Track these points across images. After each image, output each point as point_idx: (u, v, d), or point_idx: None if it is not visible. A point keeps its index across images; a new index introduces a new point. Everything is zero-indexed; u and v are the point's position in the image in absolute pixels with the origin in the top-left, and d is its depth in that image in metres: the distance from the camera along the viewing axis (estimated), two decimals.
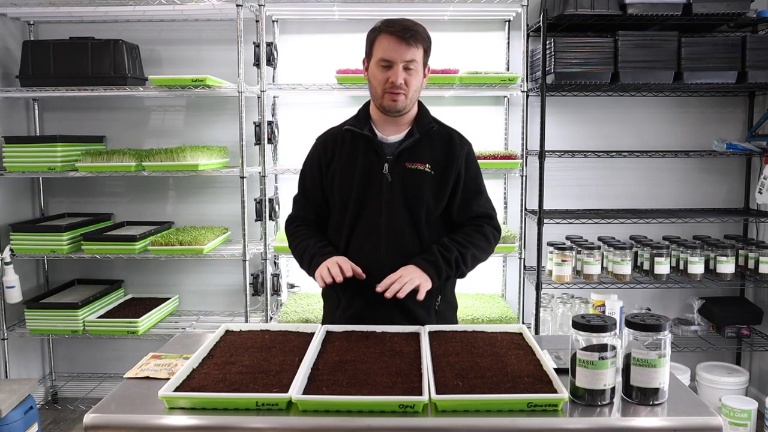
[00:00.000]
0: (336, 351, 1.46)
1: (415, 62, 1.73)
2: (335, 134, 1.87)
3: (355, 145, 1.81)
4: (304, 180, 1.90)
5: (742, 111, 3.37)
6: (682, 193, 3.44)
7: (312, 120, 3.36)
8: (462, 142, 1.85)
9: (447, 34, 3.31)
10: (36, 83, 3.05)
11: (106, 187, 3.48)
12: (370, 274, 1.72)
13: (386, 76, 1.72)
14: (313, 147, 1.90)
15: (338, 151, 1.82)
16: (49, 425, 3.25)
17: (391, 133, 1.82)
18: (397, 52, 1.70)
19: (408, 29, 1.71)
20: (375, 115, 1.84)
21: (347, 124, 1.85)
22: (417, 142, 1.79)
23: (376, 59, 1.74)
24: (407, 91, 1.73)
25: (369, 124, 1.82)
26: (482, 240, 1.81)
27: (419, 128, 1.81)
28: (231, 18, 3.10)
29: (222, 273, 3.47)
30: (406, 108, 1.78)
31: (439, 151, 1.81)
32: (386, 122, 1.82)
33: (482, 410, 1.21)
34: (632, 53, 2.89)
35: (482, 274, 3.40)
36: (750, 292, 3.44)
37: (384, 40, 1.72)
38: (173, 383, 1.28)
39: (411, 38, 1.70)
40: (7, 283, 3.03)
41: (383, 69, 1.73)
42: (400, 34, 1.70)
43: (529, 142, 3.18)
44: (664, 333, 1.26)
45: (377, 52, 1.74)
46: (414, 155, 1.79)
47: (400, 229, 1.77)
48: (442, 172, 1.79)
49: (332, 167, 1.82)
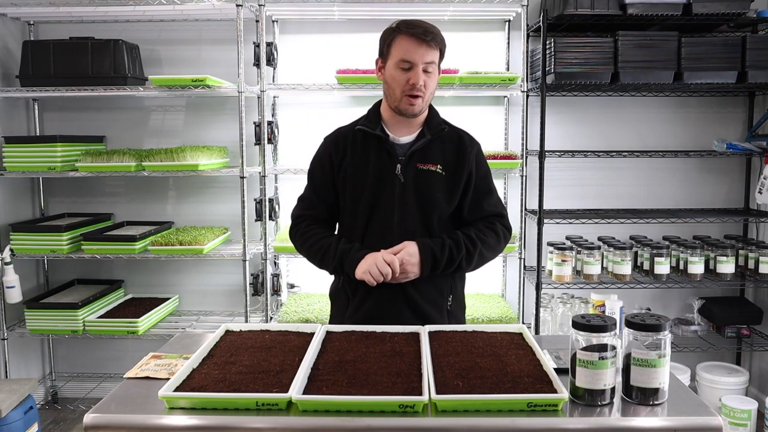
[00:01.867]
0: (336, 351, 1.46)
1: (434, 64, 1.74)
2: (346, 133, 1.86)
3: (366, 145, 1.81)
4: (314, 177, 1.89)
5: (742, 111, 3.37)
6: (682, 193, 3.44)
7: (312, 120, 3.36)
8: (472, 143, 1.86)
9: (447, 34, 3.23)
10: (36, 83, 3.05)
11: (106, 187, 3.48)
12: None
13: (406, 78, 1.72)
14: (323, 145, 1.89)
15: (350, 149, 1.82)
16: (49, 425, 3.25)
17: (403, 134, 1.82)
18: (418, 53, 1.70)
19: (428, 31, 1.72)
20: (386, 115, 1.83)
21: (359, 123, 1.84)
22: (428, 144, 1.80)
23: (395, 60, 1.73)
24: (425, 93, 1.74)
25: (380, 125, 1.82)
26: (493, 238, 1.81)
27: (430, 129, 1.81)
28: (231, 18, 3.10)
29: (222, 273, 3.47)
30: (422, 111, 1.78)
31: (450, 152, 1.82)
32: (398, 123, 1.82)
33: (482, 410, 1.21)
34: (632, 53, 2.89)
35: (482, 274, 3.40)
36: (750, 292, 3.44)
37: (404, 41, 1.72)
38: (173, 383, 1.27)
39: (432, 40, 1.71)
40: (7, 283, 3.03)
41: (403, 71, 1.72)
42: (422, 36, 1.70)
43: (529, 142, 3.18)
44: (664, 333, 1.26)
45: (396, 52, 1.73)
46: (425, 156, 1.79)
47: (412, 229, 1.77)
48: (453, 173, 1.80)
49: (344, 165, 1.82)
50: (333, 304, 1.95)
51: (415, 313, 1.77)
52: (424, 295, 1.78)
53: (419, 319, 1.76)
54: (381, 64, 1.81)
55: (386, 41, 1.77)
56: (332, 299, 1.95)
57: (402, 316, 1.76)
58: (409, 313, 1.77)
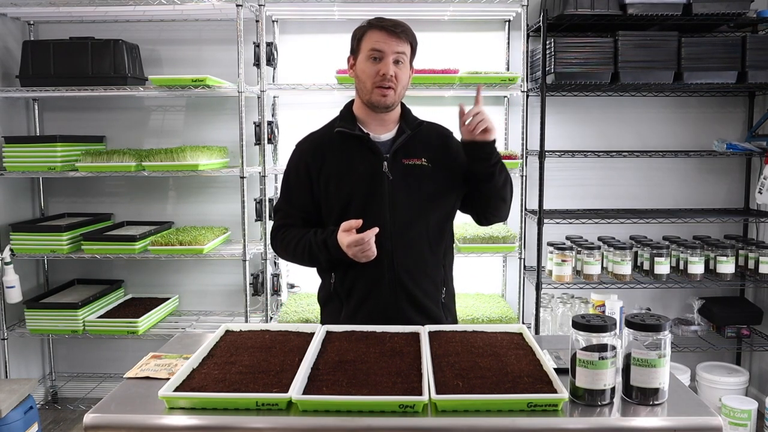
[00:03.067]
0: (336, 351, 1.46)
1: (405, 56, 1.75)
2: (321, 137, 1.85)
3: (347, 147, 1.79)
4: (289, 188, 1.85)
5: (742, 111, 3.37)
6: (682, 193, 3.44)
7: (312, 120, 3.29)
8: (447, 132, 1.90)
9: (447, 34, 3.31)
10: (36, 83, 3.05)
11: (106, 187, 3.48)
12: (381, 273, 1.74)
13: (376, 69, 1.73)
14: (296, 153, 1.86)
15: (329, 154, 1.79)
16: (49, 425, 3.25)
17: (380, 132, 1.82)
18: (388, 44, 1.72)
19: (398, 24, 1.74)
20: (361, 114, 1.82)
21: (336, 126, 1.82)
22: (410, 139, 1.80)
23: (365, 53, 1.74)
24: (396, 85, 1.74)
25: (357, 125, 1.81)
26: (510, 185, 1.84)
27: (408, 125, 1.82)
28: (231, 18, 3.10)
29: (222, 273, 3.47)
30: (395, 104, 1.78)
31: (431, 144, 1.83)
32: (373, 121, 1.81)
33: (482, 410, 1.21)
34: (632, 53, 2.89)
35: (482, 274, 3.41)
36: (750, 292, 3.44)
37: (374, 34, 1.74)
38: (173, 383, 1.27)
39: (401, 32, 1.73)
40: (7, 283, 3.03)
41: (373, 62, 1.73)
42: (391, 28, 1.72)
43: (529, 142, 3.18)
44: (664, 333, 1.26)
45: (366, 45, 1.74)
46: (409, 151, 1.79)
47: (406, 225, 1.76)
48: (440, 163, 1.80)
49: (324, 172, 1.78)
50: (324, 310, 1.90)
51: (414, 307, 1.77)
52: (421, 289, 1.78)
53: (419, 313, 1.76)
54: (353, 62, 1.82)
55: (356, 37, 1.79)
56: (323, 305, 1.90)
57: (403, 312, 1.75)
58: (409, 307, 1.76)
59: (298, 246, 1.78)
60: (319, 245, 1.73)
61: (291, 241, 1.80)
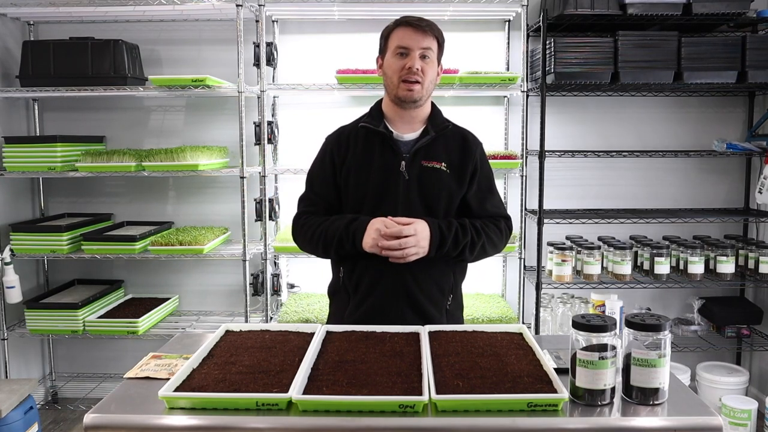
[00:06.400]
0: (336, 351, 1.46)
1: (431, 51, 1.76)
2: (348, 131, 1.86)
3: (370, 143, 1.81)
4: (314, 178, 1.88)
5: (742, 111, 3.37)
6: (682, 193, 3.44)
7: (312, 120, 3.36)
8: (476, 142, 1.88)
9: (447, 34, 3.22)
10: (36, 83, 3.05)
11: (106, 187, 3.48)
12: (386, 272, 1.74)
13: (402, 63, 1.74)
14: (325, 144, 1.90)
15: (352, 148, 1.82)
16: (49, 425, 3.25)
17: (406, 131, 1.82)
18: (414, 39, 1.74)
19: (423, 20, 1.76)
20: (389, 111, 1.84)
21: (361, 121, 1.85)
22: (432, 141, 1.80)
23: (392, 49, 1.76)
24: (423, 79, 1.74)
25: (383, 122, 1.82)
26: (496, 234, 1.82)
27: (434, 127, 1.82)
28: (231, 18, 3.10)
29: (222, 273, 3.47)
30: (422, 99, 1.78)
31: (454, 150, 1.82)
32: (401, 119, 1.82)
33: (482, 410, 1.21)
34: (632, 53, 2.89)
35: (482, 274, 3.41)
36: (750, 292, 3.44)
37: (400, 31, 1.76)
38: (173, 383, 1.27)
39: (427, 27, 1.75)
40: (7, 283, 3.03)
41: (399, 57, 1.75)
42: (417, 24, 1.74)
43: (529, 142, 3.18)
44: (664, 333, 1.26)
45: (393, 43, 1.76)
46: (430, 154, 1.79)
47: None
48: (458, 171, 1.80)
49: (347, 164, 1.81)
50: (332, 302, 1.94)
51: (415, 311, 1.77)
52: (426, 293, 1.78)
53: (419, 317, 1.76)
54: (381, 62, 1.83)
55: (383, 36, 1.81)
56: (331, 296, 1.94)
57: (403, 314, 1.76)
58: (409, 311, 1.77)
59: (320, 227, 1.79)
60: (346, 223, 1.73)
61: (312, 224, 1.81)
